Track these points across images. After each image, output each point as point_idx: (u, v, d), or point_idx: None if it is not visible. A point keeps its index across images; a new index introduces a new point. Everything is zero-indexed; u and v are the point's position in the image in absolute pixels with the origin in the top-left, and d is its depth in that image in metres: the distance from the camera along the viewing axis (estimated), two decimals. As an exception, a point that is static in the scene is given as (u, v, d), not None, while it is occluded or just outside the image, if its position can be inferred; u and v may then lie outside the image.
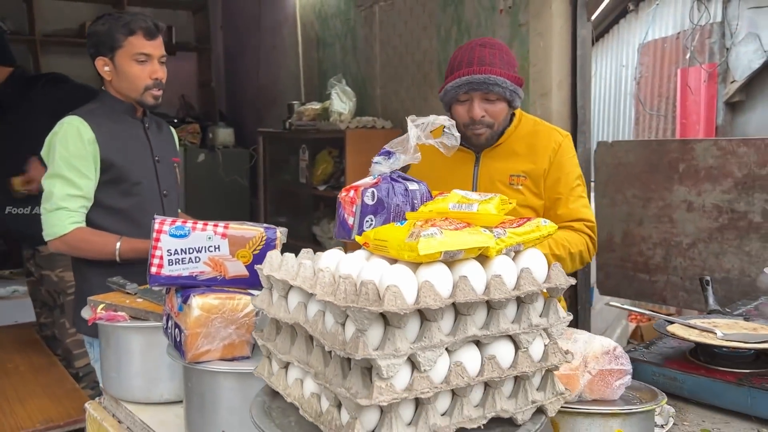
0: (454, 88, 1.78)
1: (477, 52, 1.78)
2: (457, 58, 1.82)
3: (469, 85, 1.75)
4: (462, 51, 1.82)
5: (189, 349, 1.13)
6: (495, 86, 1.75)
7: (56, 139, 1.98)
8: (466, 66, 1.77)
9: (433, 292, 0.80)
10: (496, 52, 1.79)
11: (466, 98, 1.78)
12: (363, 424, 0.79)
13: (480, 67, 1.75)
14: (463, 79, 1.76)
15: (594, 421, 1.05)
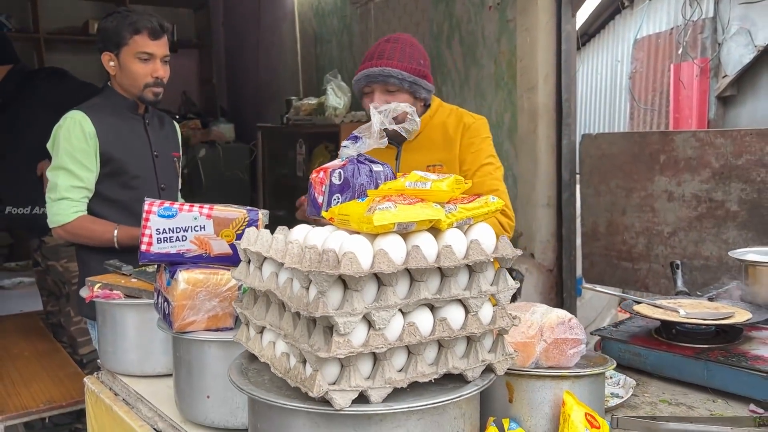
0: (356, 81, 1.89)
1: (380, 47, 1.87)
2: (367, 53, 1.91)
3: (367, 78, 1.84)
4: (371, 47, 1.91)
5: (176, 319, 1.23)
6: (390, 78, 1.82)
7: (60, 132, 2.09)
8: (368, 60, 1.86)
9: (387, 259, 0.90)
10: (398, 46, 1.87)
11: (369, 90, 1.87)
12: (324, 376, 0.89)
13: (378, 60, 1.83)
14: (362, 73, 1.85)
15: (545, 383, 1.14)
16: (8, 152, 3.15)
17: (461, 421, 0.98)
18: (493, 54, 3.30)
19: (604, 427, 1.13)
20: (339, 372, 0.91)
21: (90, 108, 2.13)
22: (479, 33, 3.37)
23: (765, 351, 1.55)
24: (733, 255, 1.87)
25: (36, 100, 3.09)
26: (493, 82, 3.32)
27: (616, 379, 1.57)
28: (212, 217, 1.30)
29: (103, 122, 2.10)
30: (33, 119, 3.04)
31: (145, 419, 1.45)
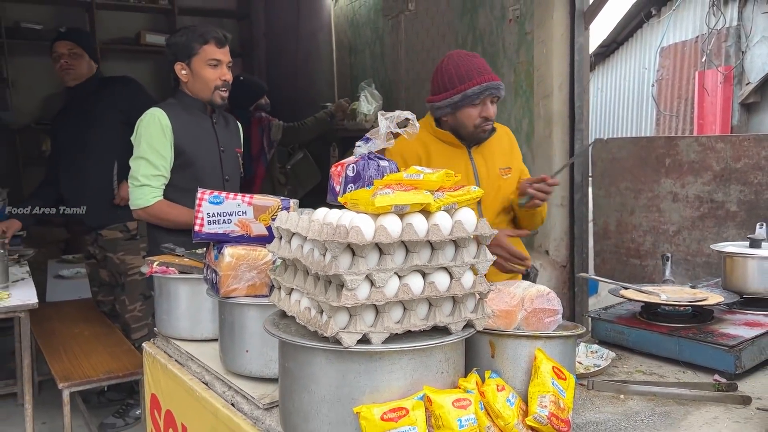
0: (476, 93, 2.07)
1: (479, 62, 2.10)
2: (463, 69, 2.10)
3: (489, 90, 2.07)
4: (465, 62, 2.11)
5: (222, 286, 1.51)
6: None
7: (141, 126, 2.42)
8: (478, 74, 2.07)
9: (385, 233, 1.16)
10: (485, 62, 2.14)
11: (479, 101, 2.09)
12: (336, 322, 1.15)
13: (489, 75, 2.08)
14: (484, 85, 2.06)
15: (521, 342, 1.38)
16: (75, 151, 3.49)
17: (445, 364, 1.23)
18: (512, 64, 3.53)
19: (570, 380, 1.36)
20: (348, 320, 1.17)
21: (167, 106, 2.47)
22: (500, 44, 3.61)
23: (732, 330, 1.76)
24: (714, 248, 2.07)
25: (106, 104, 3.42)
26: (512, 90, 3.54)
27: (600, 353, 1.80)
28: (252, 204, 1.58)
29: (178, 119, 2.42)
30: (101, 121, 3.40)
31: (194, 374, 1.74)
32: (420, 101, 4.43)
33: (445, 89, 2.14)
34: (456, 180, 1.33)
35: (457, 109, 2.13)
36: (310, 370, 1.20)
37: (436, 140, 2.21)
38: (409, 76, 4.52)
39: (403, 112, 1.36)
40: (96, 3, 6.00)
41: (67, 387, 2.65)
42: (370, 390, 1.16)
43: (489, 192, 2.18)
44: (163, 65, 7.27)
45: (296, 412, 1.23)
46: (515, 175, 2.26)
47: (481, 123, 2.12)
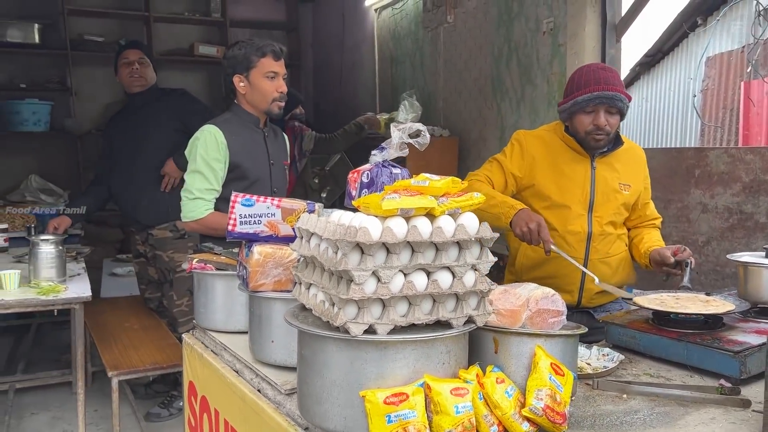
0: (585, 101, 2.17)
1: (602, 75, 2.20)
2: (582, 78, 2.22)
3: (599, 99, 2.16)
4: (586, 72, 2.24)
5: (251, 281, 1.65)
6: (619, 102, 2.18)
7: (198, 143, 2.56)
8: (594, 84, 2.18)
9: (391, 233, 1.28)
10: (615, 75, 2.24)
11: (592, 110, 2.19)
12: (345, 313, 1.28)
13: (606, 85, 2.17)
14: (594, 94, 2.15)
15: (523, 339, 1.47)
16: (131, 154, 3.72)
17: (447, 356, 1.34)
18: (545, 75, 3.60)
19: (569, 376, 1.45)
20: (357, 312, 1.29)
21: (223, 122, 2.60)
22: (534, 56, 3.68)
23: (740, 337, 1.81)
24: (730, 257, 2.11)
25: (165, 112, 3.66)
26: (545, 101, 3.62)
27: (611, 356, 1.87)
28: (280, 207, 1.72)
29: (232, 134, 2.57)
30: (159, 127, 3.64)
31: (227, 362, 1.89)
32: (456, 111, 4.54)
33: (566, 96, 2.27)
34: (462, 187, 1.44)
35: (572, 116, 2.24)
36: (323, 357, 1.32)
37: (562, 144, 2.32)
38: (447, 87, 4.63)
39: (415, 124, 1.48)
40: (153, 16, 6.31)
41: (116, 375, 2.86)
42: (375, 376, 1.28)
43: (603, 201, 2.30)
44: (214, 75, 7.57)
45: (310, 395, 1.36)
46: (634, 194, 2.35)
47: (592, 131, 2.20)
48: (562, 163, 2.29)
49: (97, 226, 6.15)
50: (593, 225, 2.30)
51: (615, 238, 2.35)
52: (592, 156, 2.30)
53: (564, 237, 2.28)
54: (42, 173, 5.81)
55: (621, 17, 3.21)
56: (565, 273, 2.31)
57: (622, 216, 2.37)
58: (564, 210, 2.30)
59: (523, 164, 2.33)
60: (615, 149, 2.31)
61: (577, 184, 2.29)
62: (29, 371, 4.18)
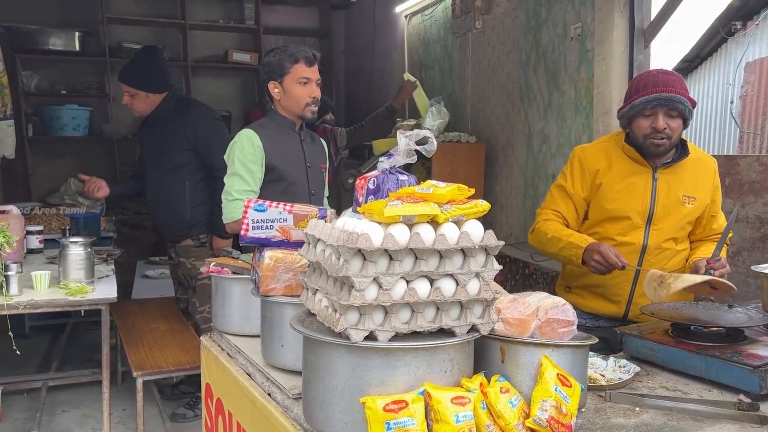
0: (642, 103, 2.12)
1: (661, 77, 2.16)
2: (641, 82, 2.19)
3: (657, 101, 2.12)
4: (645, 76, 2.21)
5: (261, 285, 1.67)
6: (679, 104, 2.12)
7: (235, 146, 2.62)
8: (653, 87, 2.14)
9: (393, 240, 1.28)
10: (676, 78, 2.19)
11: (651, 113, 2.14)
12: (347, 320, 1.28)
13: (665, 87, 2.13)
14: (652, 96, 2.12)
15: (530, 349, 1.45)
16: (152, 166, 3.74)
17: (449, 364, 1.33)
18: (573, 81, 3.56)
19: (576, 387, 1.43)
20: (358, 318, 1.29)
21: (259, 126, 2.67)
22: (561, 61, 3.64)
23: (762, 351, 1.75)
24: (755, 269, 2.05)
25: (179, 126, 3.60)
26: (572, 107, 3.57)
27: (628, 368, 1.83)
28: (292, 212, 1.74)
29: (269, 138, 2.63)
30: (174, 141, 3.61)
31: (241, 365, 1.91)
32: (484, 117, 4.51)
33: (626, 101, 2.23)
34: (469, 194, 1.43)
35: (631, 120, 2.20)
36: (325, 363, 1.33)
37: (622, 155, 2.27)
38: (475, 93, 4.61)
39: (422, 130, 1.47)
40: (189, 24, 6.45)
41: (141, 375, 2.92)
42: (376, 383, 1.28)
43: (663, 214, 2.23)
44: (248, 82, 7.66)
45: (313, 400, 1.37)
46: (699, 207, 2.27)
47: (650, 134, 2.15)
48: (623, 174, 2.23)
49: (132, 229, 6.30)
50: (650, 238, 2.23)
51: (673, 253, 2.27)
52: (654, 167, 2.23)
53: (618, 248, 2.19)
54: (81, 177, 5.98)
55: (650, 22, 3.15)
56: (613, 283, 2.26)
57: (685, 231, 2.29)
58: (623, 221, 2.24)
59: (586, 181, 2.28)
60: (680, 159, 2.23)
61: (637, 195, 2.23)
62: (63, 369, 4.30)
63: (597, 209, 2.29)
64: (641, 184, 2.23)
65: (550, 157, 3.77)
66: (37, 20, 5.93)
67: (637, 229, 2.23)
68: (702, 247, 2.30)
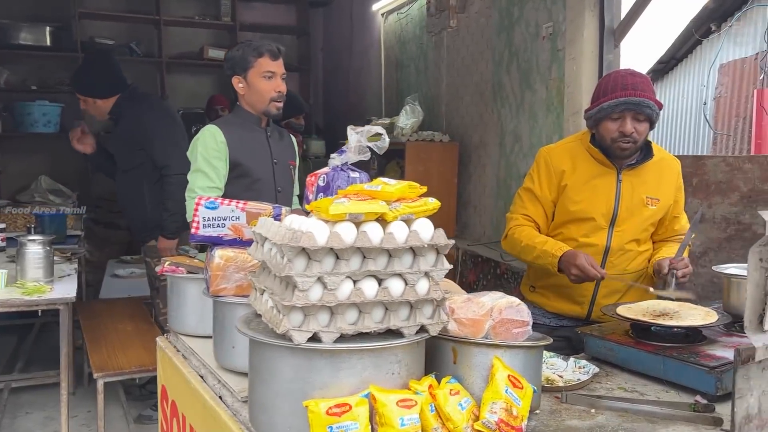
0: (611, 107, 2.09)
1: (629, 80, 2.13)
2: (609, 84, 2.15)
3: (625, 105, 2.08)
4: (614, 77, 2.17)
5: (211, 285, 1.63)
6: (647, 108, 2.10)
7: (198, 142, 2.57)
8: (621, 89, 2.10)
9: (339, 239, 1.24)
10: (644, 81, 2.15)
11: (619, 116, 2.11)
12: (290, 320, 1.25)
13: (634, 91, 2.09)
14: (620, 100, 2.08)
15: (482, 350, 1.42)
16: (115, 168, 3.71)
17: (397, 366, 1.30)
18: (545, 80, 3.55)
19: (528, 389, 1.40)
20: (303, 319, 1.26)
21: (223, 122, 2.63)
22: (534, 61, 3.63)
23: (719, 351, 1.74)
24: (716, 269, 2.04)
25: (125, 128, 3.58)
26: (544, 107, 3.56)
27: (587, 368, 1.81)
28: (245, 210, 1.70)
29: (233, 133, 2.58)
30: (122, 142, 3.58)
31: (194, 367, 1.86)
32: (458, 116, 4.49)
33: (593, 102, 2.20)
34: (421, 192, 1.40)
35: (598, 123, 2.17)
36: (269, 365, 1.29)
37: (587, 156, 2.24)
38: (450, 92, 4.59)
39: (374, 127, 1.44)
40: (164, 19, 6.37)
41: (102, 377, 2.86)
42: (320, 386, 1.24)
43: (626, 216, 2.21)
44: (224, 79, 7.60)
45: (257, 403, 1.33)
46: (662, 208, 2.26)
47: (617, 137, 2.12)
48: (588, 175, 2.22)
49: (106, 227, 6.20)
50: (613, 239, 2.22)
51: (636, 254, 2.26)
52: (619, 168, 2.22)
53: (581, 249, 2.18)
54: (52, 174, 5.87)
55: (620, 22, 3.14)
56: (577, 284, 2.25)
57: (648, 232, 2.28)
58: (586, 222, 2.22)
59: (552, 183, 2.26)
60: (645, 161, 2.22)
61: (602, 197, 2.21)
62: (28, 370, 4.21)
63: (562, 210, 2.27)
64: (606, 185, 2.22)
65: (522, 156, 3.76)
66: (7, 14, 5.82)
67: (600, 231, 2.22)
68: (664, 248, 2.29)
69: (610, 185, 2.22)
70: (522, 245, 2.24)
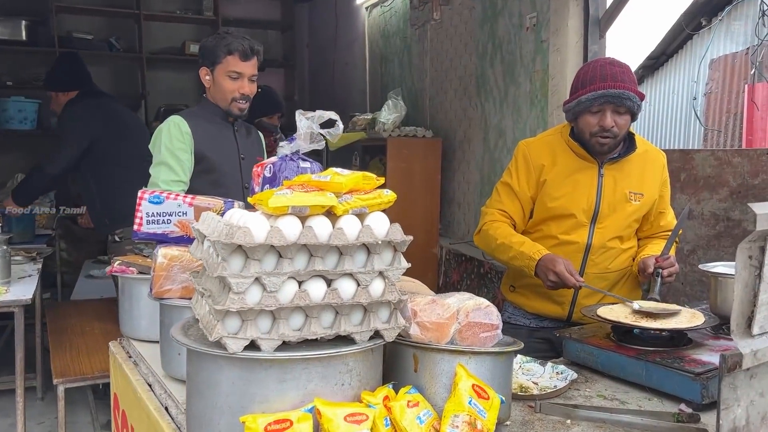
0: (589, 100, 1.97)
1: (609, 69, 1.99)
2: (588, 74, 2.02)
3: (605, 98, 1.96)
4: (592, 68, 2.03)
5: (154, 286, 1.50)
6: (627, 100, 1.97)
7: (161, 133, 2.43)
8: (600, 81, 1.97)
9: (279, 235, 1.11)
10: (624, 70, 2.01)
11: (598, 110, 1.99)
12: (224, 327, 1.11)
13: (614, 82, 1.96)
14: (599, 93, 1.95)
15: (444, 356, 1.30)
16: None
17: (347, 376, 1.17)
18: (528, 73, 3.42)
19: (494, 400, 1.28)
20: (240, 325, 1.13)
21: (187, 114, 2.49)
22: (517, 52, 3.51)
23: (705, 356, 1.62)
24: (702, 267, 1.92)
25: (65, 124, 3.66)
26: (528, 100, 3.44)
27: (565, 374, 1.69)
28: (193, 205, 1.56)
29: (198, 126, 2.43)
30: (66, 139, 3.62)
31: (142, 375, 1.73)
32: (442, 111, 4.37)
33: (572, 94, 2.08)
34: (377, 183, 1.27)
35: (577, 116, 2.05)
36: (205, 376, 1.16)
37: (567, 149, 2.13)
38: (433, 86, 4.46)
39: (326, 112, 1.31)
40: (144, 14, 6.21)
41: (62, 383, 2.71)
42: (260, 399, 1.12)
43: (609, 212, 2.09)
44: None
45: (193, 417, 1.20)
46: (646, 203, 2.13)
47: (597, 132, 2.01)
48: (568, 169, 2.10)
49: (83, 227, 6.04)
50: (594, 237, 2.10)
51: (618, 252, 2.14)
52: (600, 162, 2.10)
53: (561, 247, 2.08)
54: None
55: (605, 11, 3.02)
56: None
57: (632, 228, 2.16)
58: (567, 219, 2.10)
59: (531, 178, 2.14)
60: (627, 154, 2.10)
61: (582, 192, 2.09)
62: (-1, 374, 4.05)
63: (541, 207, 2.15)
64: (586, 180, 2.10)
65: (506, 152, 3.63)
66: (-20, 8, 5.66)
67: (581, 228, 2.10)
68: (650, 245, 2.17)
69: (591, 180, 2.10)
70: (497, 243, 2.12)
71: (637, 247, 2.21)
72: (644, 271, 2.06)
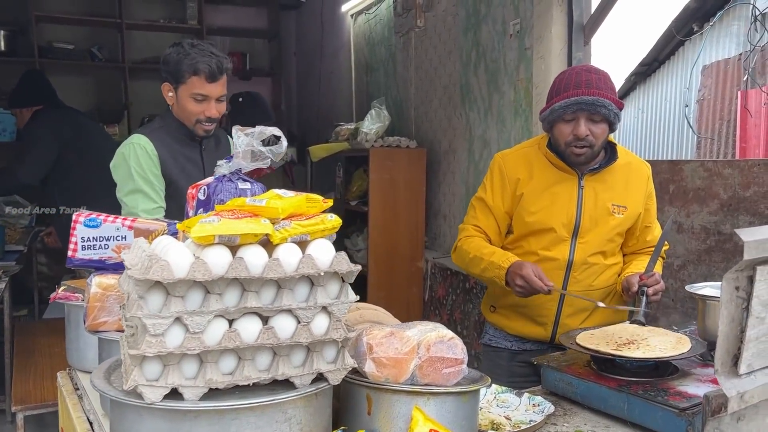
0: (562, 108, 1.87)
1: (584, 76, 1.89)
2: (563, 81, 1.92)
3: (578, 105, 1.86)
4: (567, 75, 1.93)
5: (88, 318, 1.37)
6: (602, 108, 1.86)
7: (129, 159, 2.21)
8: (574, 88, 1.87)
9: (204, 268, 0.99)
10: (601, 77, 1.91)
11: (572, 118, 1.88)
12: (143, 373, 0.99)
13: (588, 89, 1.86)
14: (572, 100, 1.85)
15: (400, 398, 1.17)
16: None
17: (286, 426, 1.04)
18: (512, 81, 3.31)
19: (456, 446, 1.15)
20: (161, 370, 1.00)
21: (151, 132, 2.27)
22: (501, 61, 3.39)
23: (692, 388, 1.49)
24: (689, 289, 1.80)
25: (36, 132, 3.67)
26: (512, 109, 3.32)
27: (543, 407, 1.56)
28: (133, 228, 1.44)
29: (163, 146, 2.24)
30: None
31: (85, 411, 1.60)
32: (427, 121, 4.25)
33: (547, 102, 1.97)
34: (324, 207, 1.15)
35: (552, 125, 1.95)
36: (126, 426, 1.03)
37: (544, 161, 2.01)
38: (418, 95, 4.35)
39: (268, 128, 1.19)
40: (126, 23, 6.10)
41: (21, 410, 2.58)
42: (185, 454, 0.99)
43: (590, 226, 1.97)
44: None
45: (115, 472, 1.07)
46: (630, 217, 2.01)
47: (571, 141, 1.90)
48: (546, 182, 1.99)
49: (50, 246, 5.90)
50: (576, 252, 1.98)
51: (602, 268, 2.02)
52: (580, 173, 1.98)
53: (541, 264, 1.95)
54: (8, 185, 5.58)
55: (590, 17, 2.91)
56: (537, 303, 2.01)
57: (615, 243, 2.04)
58: (546, 234, 1.99)
59: (507, 192, 2.03)
60: (608, 164, 1.99)
61: (562, 206, 1.98)
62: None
63: (519, 222, 2.03)
64: (566, 193, 1.98)
65: (491, 163, 3.51)
66: (-42, 17, 5.54)
67: (562, 243, 1.98)
68: (635, 262, 2.04)
69: (571, 192, 1.98)
70: (470, 257, 2.00)
71: (622, 264, 2.09)
72: (628, 290, 1.94)
